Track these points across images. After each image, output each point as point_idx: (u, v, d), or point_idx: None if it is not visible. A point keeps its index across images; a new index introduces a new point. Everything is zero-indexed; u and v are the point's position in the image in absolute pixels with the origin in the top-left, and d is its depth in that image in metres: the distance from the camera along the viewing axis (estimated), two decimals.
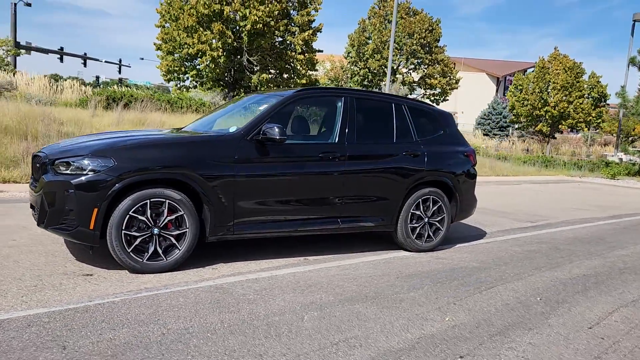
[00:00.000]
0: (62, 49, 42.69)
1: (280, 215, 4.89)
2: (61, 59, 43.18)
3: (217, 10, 20.98)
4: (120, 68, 49.03)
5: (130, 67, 70.36)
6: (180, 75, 23.56)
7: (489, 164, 20.50)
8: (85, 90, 20.27)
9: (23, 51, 37.10)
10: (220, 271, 4.54)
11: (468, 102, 48.31)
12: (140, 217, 4.23)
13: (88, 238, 4.14)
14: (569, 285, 4.84)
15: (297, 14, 23.93)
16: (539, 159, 25.63)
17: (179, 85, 24.40)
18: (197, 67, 22.74)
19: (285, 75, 24.49)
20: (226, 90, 23.87)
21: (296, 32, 23.64)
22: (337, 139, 5.25)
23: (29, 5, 38.05)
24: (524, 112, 32.76)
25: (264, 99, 5.47)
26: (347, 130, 5.29)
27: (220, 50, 21.10)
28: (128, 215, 4.18)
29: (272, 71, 23.98)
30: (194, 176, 4.39)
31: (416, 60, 33.41)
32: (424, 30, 32.73)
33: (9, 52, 33.77)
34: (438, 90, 35.24)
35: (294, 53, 23.62)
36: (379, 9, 34.75)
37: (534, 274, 5.18)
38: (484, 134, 36.13)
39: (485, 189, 13.22)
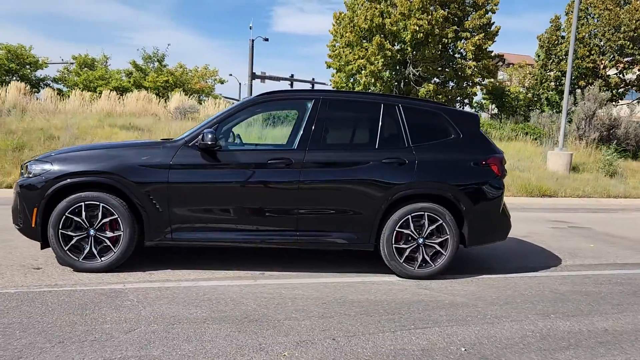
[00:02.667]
0: (292, 75, 46.92)
1: (223, 224, 4.63)
2: (291, 85, 47.35)
3: (378, 24, 21.07)
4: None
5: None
6: None
7: None
8: None
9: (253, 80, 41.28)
10: (147, 276, 4.50)
11: None
12: (76, 218, 4.47)
13: (32, 234, 4.53)
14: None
15: (469, 19, 22.50)
16: None
17: None
18: (359, 82, 23.10)
19: (451, 84, 23.23)
20: None
21: (466, 38, 22.23)
22: (297, 145, 4.75)
23: (266, 40, 42.25)
24: None
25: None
26: (311, 136, 4.75)
27: (380, 63, 21.08)
28: (64, 216, 4.45)
29: (437, 80, 22.97)
30: (125, 182, 4.46)
31: (626, 58, 28.13)
32: (634, 21, 27.40)
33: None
34: None
35: (463, 60, 22.26)
36: (580, 2, 30.35)
37: (525, 320, 3.86)
38: None
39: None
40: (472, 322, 3.75)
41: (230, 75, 75.87)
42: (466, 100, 24.16)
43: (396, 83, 23.25)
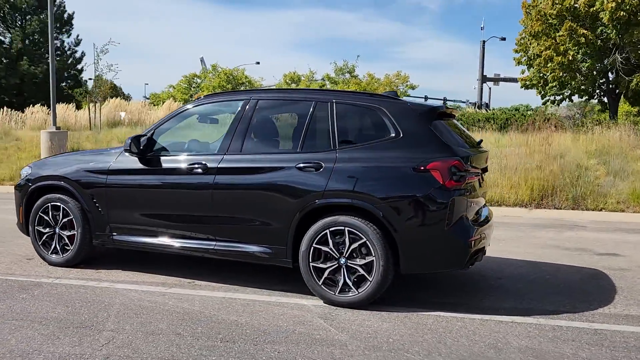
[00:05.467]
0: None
1: (153, 229, 4.68)
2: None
3: (569, 6, 18.00)
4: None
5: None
6: (540, 88, 21.24)
7: None
8: None
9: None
10: (80, 274, 4.84)
11: None
12: (45, 217, 5.08)
13: (22, 229, 5.30)
14: None
15: None
16: None
17: (547, 100, 22.04)
18: (544, 76, 20.05)
19: None
20: (602, 98, 19.92)
21: None
22: (218, 149, 4.51)
23: (503, 39, 39.83)
24: None
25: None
26: (232, 139, 4.45)
27: (572, 53, 17.94)
28: (38, 215, 5.10)
29: None
30: (75, 185, 4.90)
31: None
32: None
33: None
34: None
35: None
36: None
37: None
38: None
39: None
40: None
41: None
42: None
43: (598, 75, 19.50)
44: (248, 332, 3.53)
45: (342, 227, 3.99)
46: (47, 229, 5.07)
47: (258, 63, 41.46)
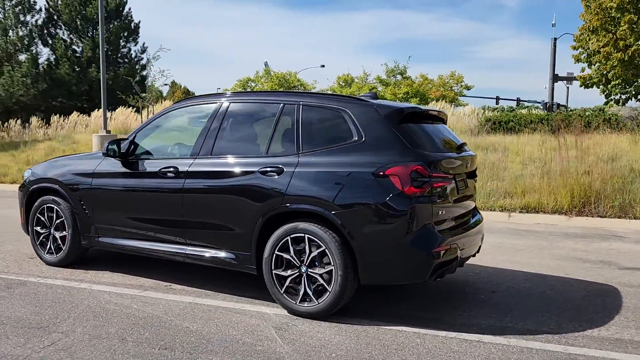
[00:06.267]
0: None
1: (133, 232, 4.73)
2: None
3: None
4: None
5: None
6: (602, 87, 19.75)
7: None
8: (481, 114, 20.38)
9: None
10: (68, 274, 4.97)
11: None
12: (42, 217, 5.27)
13: (24, 229, 5.54)
14: None
15: None
16: None
17: (610, 99, 20.51)
18: (606, 74, 18.58)
19: None
20: None
21: None
22: (190, 153, 4.49)
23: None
24: None
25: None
26: (203, 143, 4.42)
27: (633, 48, 16.54)
28: (36, 216, 5.30)
29: None
30: (65, 187, 5.04)
31: None
32: None
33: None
34: None
35: None
36: None
37: None
38: None
39: None
40: None
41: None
42: None
43: None
44: (192, 339, 3.46)
45: (303, 235, 3.83)
46: (44, 229, 5.26)
47: (323, 66, 41.74)
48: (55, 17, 35.35)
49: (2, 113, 28.92)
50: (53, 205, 5.17)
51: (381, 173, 3.64)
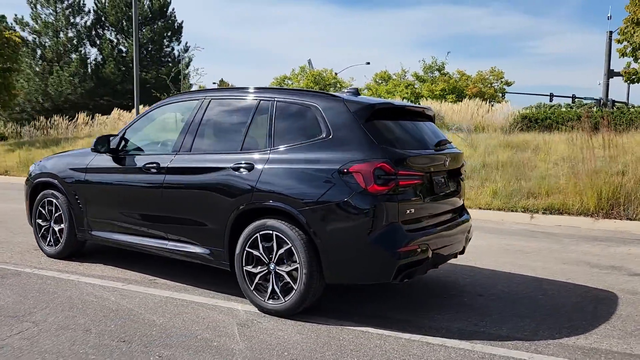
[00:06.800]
0: None
1: (121, 226, 4.83)
2: None
3: None
4: None
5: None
6: None
7: None
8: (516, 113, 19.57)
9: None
10: (62, 266, 5.14)
11: None
12: (43, 211, 5.47)
13: (29, 222, 5.76)
14: None
15: None
16: None
17: None
18: None
19: None
20: None
21: None
22: (172, 149, 4.55)
23: None
24: None
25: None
26: (184, 139, 4.47)
27: None
28: (38, 209, 5.51)
29: None
30: (61, 180, 5.22)
31: None
32: None
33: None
34: None
35: None
36: None
37: None
38: None
39: None
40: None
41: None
42: None
43: None
44: (153, 333, 3.50)
45: (271, 232, 3.81)
46: (45, 222, 5.46)
47: (368, 63, 41.43)
48: (102, 19, 36.72)
49: (52, 110, 30.30)
50: (52, 199, 5.35)
51: (345, 170, 3.57)
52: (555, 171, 10.73)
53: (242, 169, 3.97)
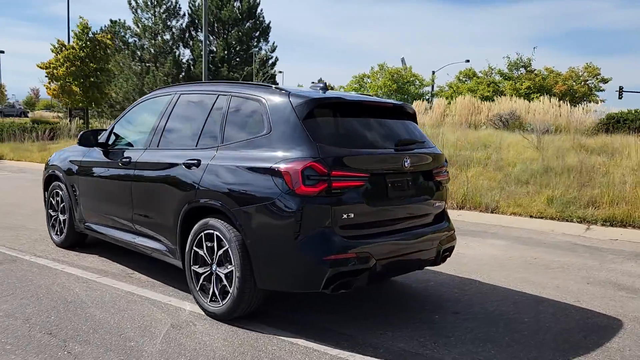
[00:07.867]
0: None
1: (106, 218, 4.94)
2: None
3: None
4: None
5: None
6: None
7: None
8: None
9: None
10: (58, 254, 5.34)
11: None
12: (53, 201, 5.77)
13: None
14: None
15: None
16: None
17: None
18: None
19: None
20: None
21: None
22: (142, 144, 4.55)
23: None
24: None
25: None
26: (154, 134, 4.47)
27: None
28: (49, 199, 5.83)
29: None
30: (62, 172, 5.47)
31: None
32: None
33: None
34: None
35: None
36: None
37: None
38: None
39: None
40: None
41: None
42: None
43: None
44: (83, 328, 3.50)
45: (212, 231, 3.67)
46: (54, 212, 5.75)
47: (467, 61, 39.65)
48: (196, 21, 38.71)
49: None
50: (58, 190, 5.62)
51: (275, 169, 3.32)
52: (632, 179, 9.52)
53: (192, 166, 3.87)
